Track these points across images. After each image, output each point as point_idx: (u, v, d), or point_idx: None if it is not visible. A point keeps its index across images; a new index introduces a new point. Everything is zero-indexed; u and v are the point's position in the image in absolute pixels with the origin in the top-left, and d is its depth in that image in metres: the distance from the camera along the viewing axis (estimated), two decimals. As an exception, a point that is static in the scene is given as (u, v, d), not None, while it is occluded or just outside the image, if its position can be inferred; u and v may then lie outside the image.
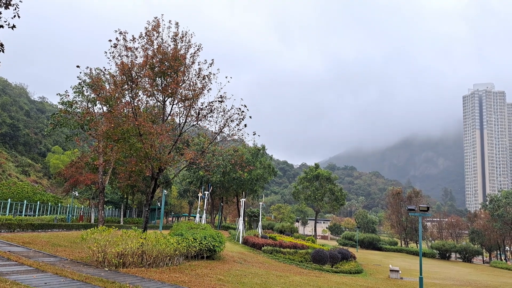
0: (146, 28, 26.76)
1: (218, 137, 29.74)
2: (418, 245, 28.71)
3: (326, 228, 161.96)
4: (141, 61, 26.33)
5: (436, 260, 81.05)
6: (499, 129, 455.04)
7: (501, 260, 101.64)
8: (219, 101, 26.56)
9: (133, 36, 26.15)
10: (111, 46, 25.25)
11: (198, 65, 27.21)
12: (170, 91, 26.61)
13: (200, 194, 60.01)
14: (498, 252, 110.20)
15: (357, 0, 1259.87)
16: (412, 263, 58.02)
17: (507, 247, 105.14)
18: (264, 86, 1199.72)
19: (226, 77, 25.93)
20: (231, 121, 26.89)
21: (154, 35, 26.81)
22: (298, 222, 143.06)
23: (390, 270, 37.70)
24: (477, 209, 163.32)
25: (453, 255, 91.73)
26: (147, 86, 27.18)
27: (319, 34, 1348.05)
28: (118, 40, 25.48)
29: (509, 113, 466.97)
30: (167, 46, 27.16)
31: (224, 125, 27.08)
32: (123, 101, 26.74)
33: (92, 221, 52.10)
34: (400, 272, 37.81)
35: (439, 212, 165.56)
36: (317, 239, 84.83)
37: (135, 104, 25.95)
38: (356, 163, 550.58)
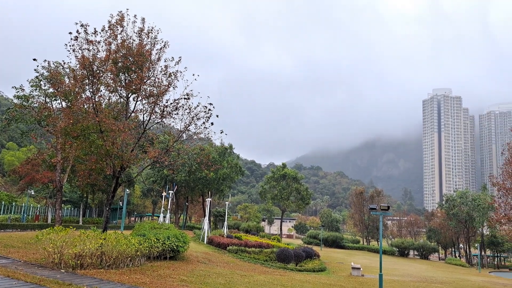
0: (110, 22, 25.91)
1: (184, 135, 29.26)
2: (379, 243, 29.50)
3: (292, 227, 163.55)
4: (104, 56, 25.51)
5: (396, 257, 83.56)
6: (455, 133, 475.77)
7: (455, 257, 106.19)
8: (185, 98, 26.12)
9: (95, 29, 25.30)
10: (71, 39, 24.29)
11: (165, 62, 26.70)
12: (134, 87, 25.95)
13: (164, 194, 58.99)
14: (453, 249, 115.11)
15: (322, 1, 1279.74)
16: (373, 260, 59.47)
17: (461, 245, 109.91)
18: (234, 85, 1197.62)
19: (193, 75, 25.57)
20: (197, 119, 26.52)
21: (118, 29, 26.05)
22: (264, 221, 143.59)
23: (352, 268, 38.44)
24: (434, 208, 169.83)
25: (411, 252, 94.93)
26: (109, 81, 26.37)
27: (286, 34, 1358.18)
28: (79, 33, 24.61)
29: (464, 117, 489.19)
30: (131, 41, 26.43)
31: (190, 123, 26.67)
32: (84, 96, 25.82)
33: (49, 221, 50.13)
34: (361, 269, 38.61)
35: (399, 211, 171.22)
36: (282, 238, 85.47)
37: (96, 99, 25.11)
38: (322, 163, 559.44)
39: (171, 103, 26.11)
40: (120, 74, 26.74)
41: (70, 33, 24.27)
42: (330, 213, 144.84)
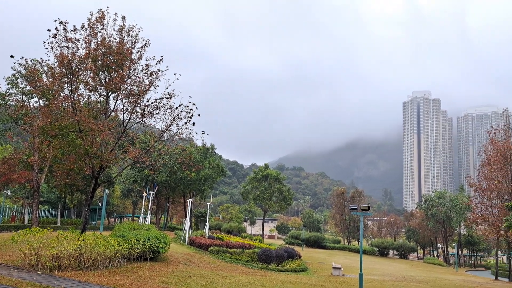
0: (89, 19, 25.54)
1: (165, 135, 29.01)
2: (359, 243, 29.94)
3: (274, 227, 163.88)
4: (83, 54, 25.15)
5: (376, 257, 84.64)
6: (434, 134, 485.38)
7: (434, 256, 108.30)
8: (166, 98, 25.91)
9: (74, 26, 24.91)
10: (50, 36, 23.81)
11: (146, 60, 26.42)
12: (114, 86, 25.61)
13: (144, 194, 58.34)
14: (431, 248, 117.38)
15: (303, 2, 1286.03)
16: (354, 260, 60.09)
17: (439, 244, 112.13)
18: (217, 85, 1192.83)
19: (175, 74, 25.38)
20: (179, 119, 26.34)
21: (98, 27, 25.71)
22: (246, 222, 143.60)
23: (333, 268, 38.76)
24: (413, 208, 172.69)
25: (391, 252, 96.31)
26: (89, 80, 25.96)
27: (270, 34, 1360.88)
28: (58, 30, 24.21)
29: (443, 120, 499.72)
30: (112, 39, 26.10)
31: (172, 123, 26.46)
32: (62, 94, 25.32)
33: (26, 222, 49.01)
34: (342, 269, 38.98)
35: (379, 211, 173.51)
36: (264, 239, 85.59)
37: (75, 98, 24.66)
38: (304, 163, 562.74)
39: (152, 103, 25.88)
40: (100, 72, 26.34)
41: (49, 30, 23.82)
42: (312, 214, 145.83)
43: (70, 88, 24.63)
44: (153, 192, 57.55)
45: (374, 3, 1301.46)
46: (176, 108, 25.98)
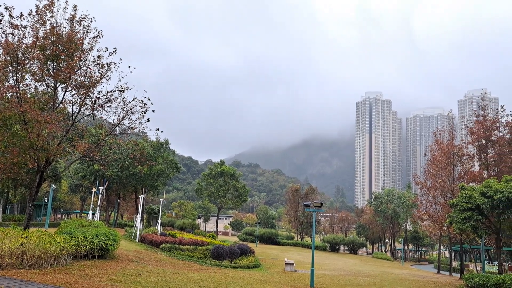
0: (37, 6, 24.34)
1: (117, 129, 28.16)
2: (312, 239, 30.72)
3: (228, 224, 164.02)
4: (30, 42, 23.97)
5: (328, 252, 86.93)
6: (384, 134, 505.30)
7: (382, 251, 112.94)
8: (119, 91, 25.17)
9: (21, 13, 23.65)
10: (-6, 22, 22.44)
11: (98, 52, 25.51)
12: (63, 76, 24.59)
13: (94, 190, 56.41)
14: (380, 244, 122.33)
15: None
16: (306, 256, 61.38)
17: (386, 240, 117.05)
18: (174, 79, 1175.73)
19: (129, 67, 24.71)
20: (132, 113, 25.66)
21: (46, 15, 24.56)
22: (200, 218, 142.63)
23: (286, 264, 39.37)
24: (363, 205, 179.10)
25: (342, 247, 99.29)
26: (36, 69, 24.77)
27: (227, 29, 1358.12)
28: (3, 16, 23.00)
29: (393, 120, 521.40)
30: (62, 28, 25.01)
31: (124, 117, 25.74)
32: (6, 84, 23.92)
33: (-36, 218, 45.91)
34: (294, 265, 39.68)
35: (332, 208, 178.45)
36: (218, 235, 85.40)
37: (21, 88, 23.47)
38: (260, 160, 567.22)
39: (103, 95, 25.05)
40: (48, 62, 25.23)
41: (-7, 15, 22.45)
42: (267, 210, 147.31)
43: (15, 78, 23.46)
44: (103, 187, 55.76)
45: (328, 2, 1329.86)
46: (130, 102, 25.32)
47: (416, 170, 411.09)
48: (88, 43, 25.44)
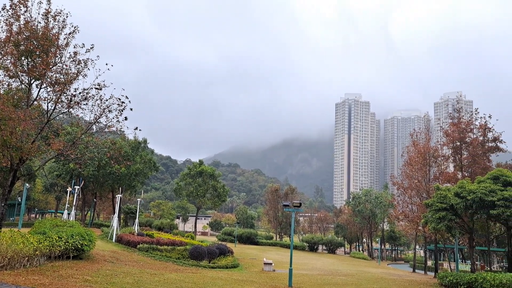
0: (11, 0, 23.73)
1: (94, 128, 27.68)
2: (290, 238, 30.87)
3: (207, 224, 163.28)
4: (4, 37, 23.39)
5: (306, 252, 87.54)
6: (363, 135, 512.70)
7: (359, 251, 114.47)
8: (96, 88, 24.69)
9: (-7, 7, 22.98)
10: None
11: (74, 48, 24.98)
12: (37, 73, 24.00)
13: (69, 189, 55.23)
14: (357, 243, 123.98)
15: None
16: (285, 255, 61.62)
17: (364, 239, 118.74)
18: (154, 77, 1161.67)
19: (106, 64, 24.30)
20: (109, 111, 25.22)
21: (21, 9, 23.97)
22: (179, 218, 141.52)
23: (264, 263, 39.43)
24: (342, 205, 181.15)
25: (320, 247, 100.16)
26: (9, 65, 24.11)
27: (208, 28, 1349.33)
28: (-25, 10, 22.21)
29: (372, 121, 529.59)
30: (36, 23, 24.45)
31: (101, 115, 25.28)
32: (-23, 80, 23.22)
33: None
34: (273, 264, 39.79)
35: (311, 208, 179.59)
36: (197, 236, 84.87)
37: (-7, 84, 22.75)
38: (240, 160, 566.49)
39: (80, 93, 24.55)
40: (23, 58, 24.64)
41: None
42: (246, 210, 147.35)
43: (-13, 73, 22.71)
44: (78, 187, 54.66)
45: (308, 2, 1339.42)
46: (107, 100, 24.88)
47: (393, 171, 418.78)
48: (64, 38, 24.95)
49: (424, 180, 52.17)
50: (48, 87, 24.82)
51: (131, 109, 25.80)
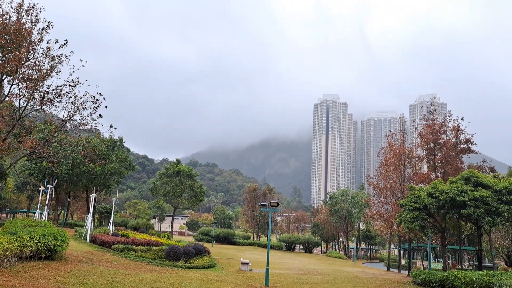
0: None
1: (68, 125, 27.07)
2: (268, 238, 31.01)
3: (184, 224, 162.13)
4: (-27, 31, 22.52)
5: (283, 251, 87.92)
6: (340, 136, 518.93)
7: (335, 250, 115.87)
8: (70, 85, 24.17)
9: (-37, 0, 22.16)
10: None
11: (47, 43, 24.34)
12: (9, 68, 23.28)
13: (42, 188, 53.79)
14: (334, 243, 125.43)
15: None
16: (262, 255, 61.75)
17: (340, 239, 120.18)
18: (131, 74, 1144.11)
19: (81, 61, 23.77)
20: (84, 109, 24.73)
21: (-8, 3, 23.15)
22: (155, 218, 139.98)
23: (241, 263, 39.41)
24: (319, 205, 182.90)
25: (297, 246, 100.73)
26: (-21, 60, 23.29)
27: (187, 25, 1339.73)
28: None
29: (349, 122, 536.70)
30: (8, 17, 23.70)
31: (75, 112, 24.76)
32: None
33: None
34: (250, 264, 39.80)
35: (289, 207, 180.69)
36: (173, 236, 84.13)
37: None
38: (218, 160, 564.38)
39: (53, 90, 23.98)
40: (-7, 53, 23.80)
41: None
42: (224, 210, 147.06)
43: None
44: (51, 186, 53.32)
45: (287, 2, 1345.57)
46: (81, 98, 24.39)
47: (369, 171, 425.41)
48: (37, 34, 24.33)
49: (399, 181, 53.15)
50: (20, 84, 24.17)
51: (106, 107, 25.41)
